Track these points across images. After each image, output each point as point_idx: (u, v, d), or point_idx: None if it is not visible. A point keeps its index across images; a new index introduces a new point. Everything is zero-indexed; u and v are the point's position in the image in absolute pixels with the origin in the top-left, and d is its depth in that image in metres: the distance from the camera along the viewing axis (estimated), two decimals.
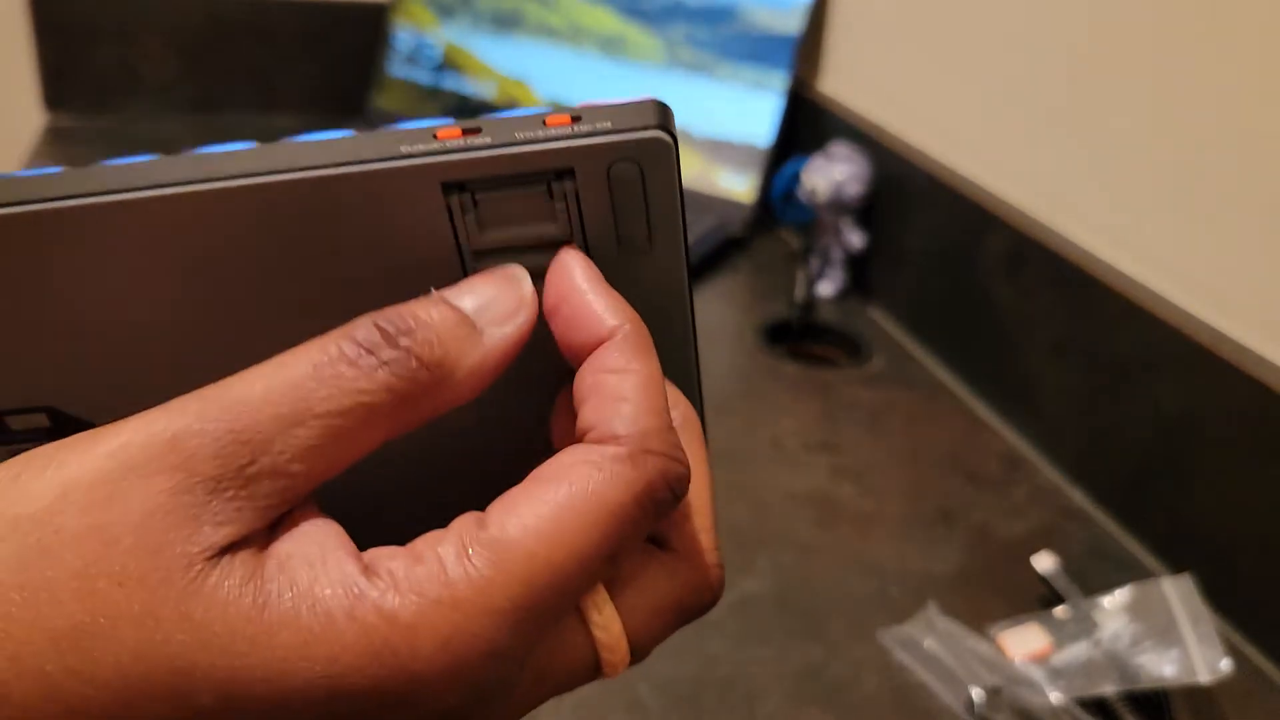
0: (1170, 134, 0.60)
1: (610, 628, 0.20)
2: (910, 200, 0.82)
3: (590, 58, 1.06)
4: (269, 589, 0.17)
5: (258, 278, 0.21)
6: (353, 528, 0.19)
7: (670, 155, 0.21)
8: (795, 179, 0.90)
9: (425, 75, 1.14)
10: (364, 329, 0.19)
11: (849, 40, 0.94)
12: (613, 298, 0.21)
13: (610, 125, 0.20)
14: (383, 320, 0.19)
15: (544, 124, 0.20)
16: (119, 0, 1.07)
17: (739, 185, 0.98)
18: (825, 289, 0.88)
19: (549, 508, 0.18)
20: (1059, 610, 0.52)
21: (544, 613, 0.18)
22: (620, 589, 0.21)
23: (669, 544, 0.22)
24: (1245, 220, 0.55)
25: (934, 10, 0.81)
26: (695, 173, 0.99)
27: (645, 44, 1.04)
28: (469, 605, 0.17)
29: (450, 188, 0.20)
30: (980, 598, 0.55)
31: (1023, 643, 0.50)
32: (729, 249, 0.94)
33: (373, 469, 0.20)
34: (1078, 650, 0.49)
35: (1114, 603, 0.51)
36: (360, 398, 0.18)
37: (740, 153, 0.98)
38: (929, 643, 0.50)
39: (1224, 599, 0.54)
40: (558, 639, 0.20)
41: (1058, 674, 0.48)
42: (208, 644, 0.17)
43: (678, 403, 0.23)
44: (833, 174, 0.84)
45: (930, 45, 0.82)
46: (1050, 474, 0.67)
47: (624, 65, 1.05)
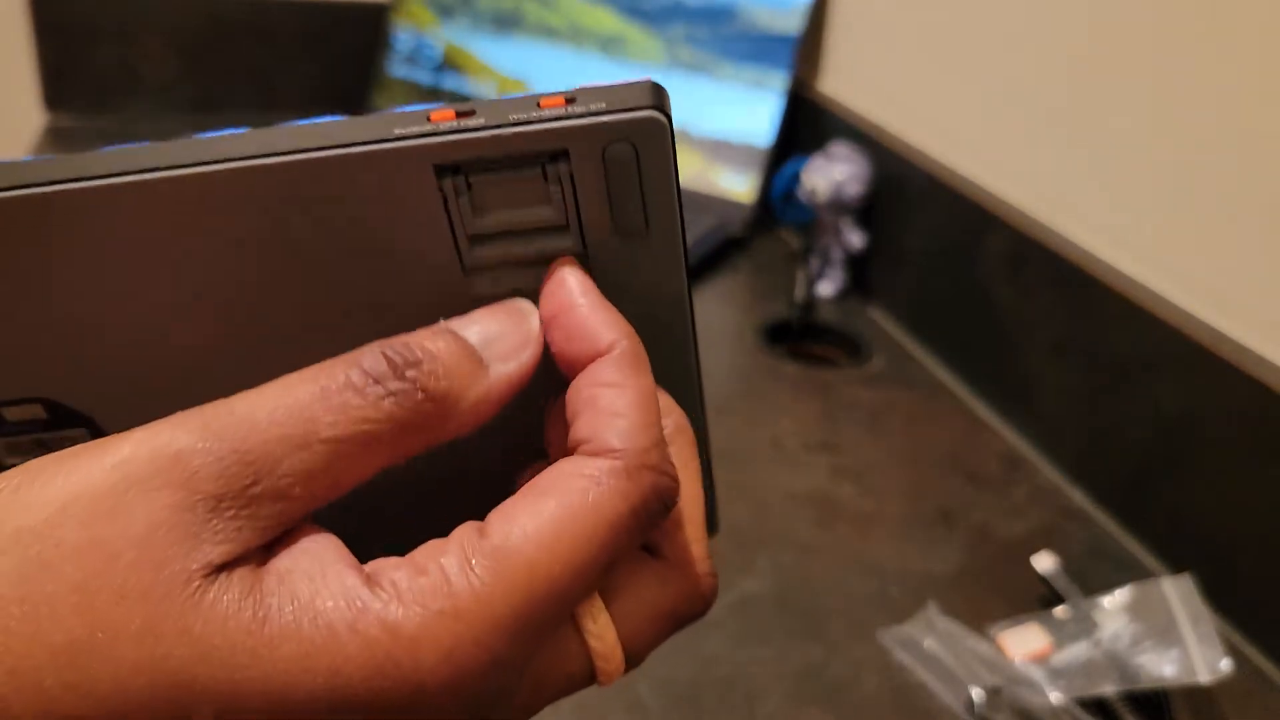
0: (1170, 134, 0.60)
1: (605, 636, 0.20)
2: (910, 200, 0.82)
3: (590, 58, 1.06)
4: (269, 603, 0.17)
5: (253, 262, 0.21)
6: (346, 536, 0.19)
7: (665, 135, 0.20)
8: (795, 179, 0.90)
9: (425, 75, 1.14)
10: (371, 358, 0.19)
11: (849, 40, 0.94)
12: (609, 312, 0.21)
13: (605, 105, 0.20)
14: (390, 350, 0.19)
15: (538, 105, 0.20)
16: (119, 0, 1.07)
17: (739, 185, 0.97)
18: (825, 289, 0.88)
19: (549, 519, 0.19)
20: (1059, 610, 0.52)
21: (544, 622, 0.19)
22: (614, 598, 0.21)
23: (661, 553, 0.22)
24: (1245, 220, 0.55)
25: (934, 10, 0.81)
26: (695, 172, 0.99)
27: (645, 44, 1.04)
28: (471, 616, 0.18)
29: (444, 170, 0.20)
30: (980, 598, 0.55)
31: (1023, 643, 0.50)
32: (729, 249, 0.94)
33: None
34: (1078, 650, 0.49)
35: (1114, 603, 0.51)
36: (364, 426, 0.18)
37: (740, 153, 0.98)
38: (929, 643, 0.50)
39: (1224, 599, 0.54)
40: (554, 647, 0.20)
41: (1058, 674, 0.48)
42: (208, 657, 0.17)
43: (670, 411, 0.23)
44: (833, 174, 0.84)
45: (930, 45, 0.82)
46: (1050, 474, 0.67)
47: (624, 65, 1.05)
